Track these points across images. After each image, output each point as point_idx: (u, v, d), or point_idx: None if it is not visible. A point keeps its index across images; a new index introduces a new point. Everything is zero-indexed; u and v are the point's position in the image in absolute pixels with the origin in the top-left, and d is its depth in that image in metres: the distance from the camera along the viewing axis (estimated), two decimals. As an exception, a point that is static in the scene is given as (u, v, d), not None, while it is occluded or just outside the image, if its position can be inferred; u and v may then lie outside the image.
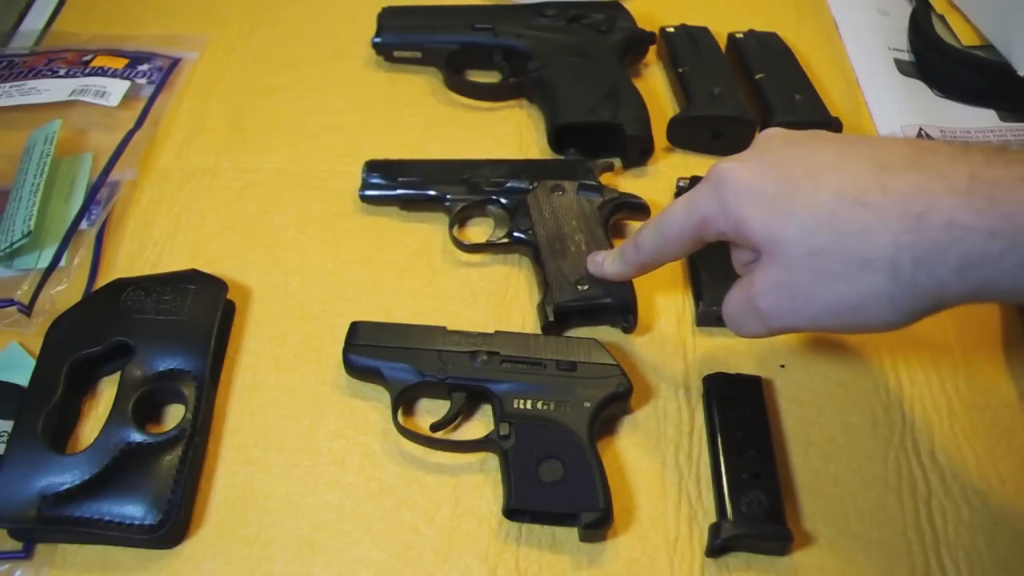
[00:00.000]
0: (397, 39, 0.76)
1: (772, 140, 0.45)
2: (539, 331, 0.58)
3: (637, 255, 0.52)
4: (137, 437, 0.51)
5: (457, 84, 0.75)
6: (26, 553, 0.49)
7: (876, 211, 0.38)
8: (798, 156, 0.42)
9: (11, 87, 0.73)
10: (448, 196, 0.64)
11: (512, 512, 0.50)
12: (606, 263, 0.55)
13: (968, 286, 0.37)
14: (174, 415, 0.55)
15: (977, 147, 0.39)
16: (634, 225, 0.65)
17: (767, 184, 0.42)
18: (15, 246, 0.60)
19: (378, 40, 0.76)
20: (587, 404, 0.52)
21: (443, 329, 0.56)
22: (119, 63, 0.76)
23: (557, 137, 0.69)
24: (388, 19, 0.77)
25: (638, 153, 0.68)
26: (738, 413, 0.53)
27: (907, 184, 0.38)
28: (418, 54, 0.76)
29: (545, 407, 0.52)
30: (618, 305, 0.57)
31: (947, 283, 0.37)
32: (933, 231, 0.37)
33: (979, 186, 0.36)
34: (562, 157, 0.68)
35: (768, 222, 0.41)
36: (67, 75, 0.75)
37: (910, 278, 0.38)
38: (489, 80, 0.75)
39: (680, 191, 0.66)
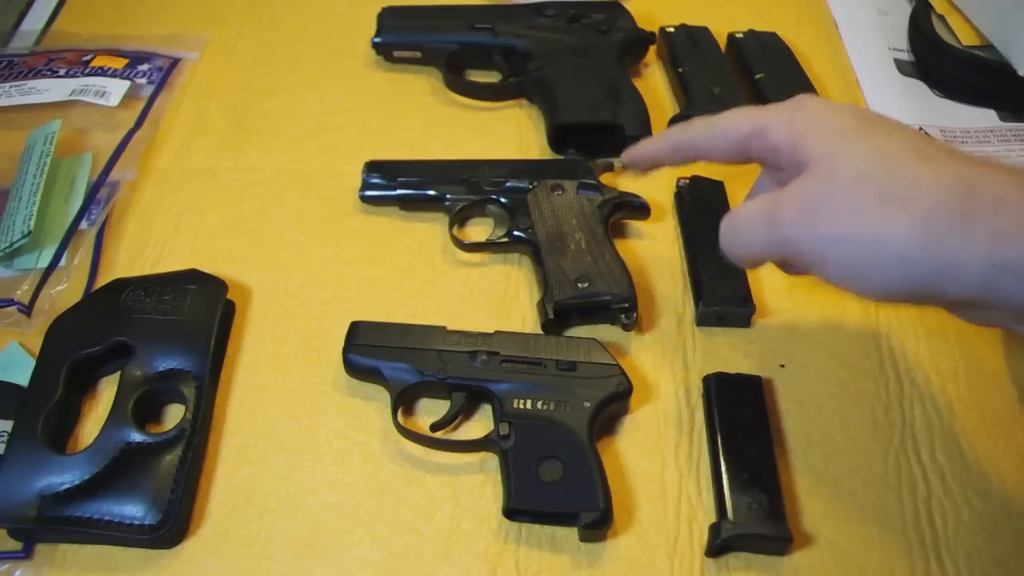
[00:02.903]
0: (397, 39, 0.76)
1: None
2: (539, 331, 0.58)
3: (678, 134, 0.50)
4: (137, 437, 0.51)
5: (457, 84, 0.75)
6: (26, 553, 0.49)
7: (934, 168, 0.39)
8: (877, 116, 0.44)
9: (11, 87, 0.73)
10: (448, 196, 0.64)
11: (512, 512, 0.50)
12: (642, 140, 0.53)
13: (989, 263, 0.37)
14: (174, 415, 0.55)
15: None
16: (634, 225, 0.65)
17: (845, 120, 0.43)
18: (15, 246, 0.60)
19: (378, 40, 0.76)
20: (587, 404, 0.52)
21: (443, 329, 0.56)
22: (119, 63, 0.76)
23: (557, 137, 0.69)
24: (388, 19, 0.77)
25: None
26: (738, 413, 0.53)
27: (970, 161, 0.40)
28: (418, 54, 0.76)
29: (545, 407, 0.52)
30: (618, 301, 0.57)
31: (971, 252, 0.37)
32: (980, 200, 0.37)
33: None
34: (562, 157, 0.68)
35: (830, 139, 0.42)
36: (67, 75, 0.75)
37: (939, 235, 0.38)
38: (489, 80, 0.75)
39: (680, 191, 0.66)
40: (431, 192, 0.65)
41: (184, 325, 0.56)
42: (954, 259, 0.38)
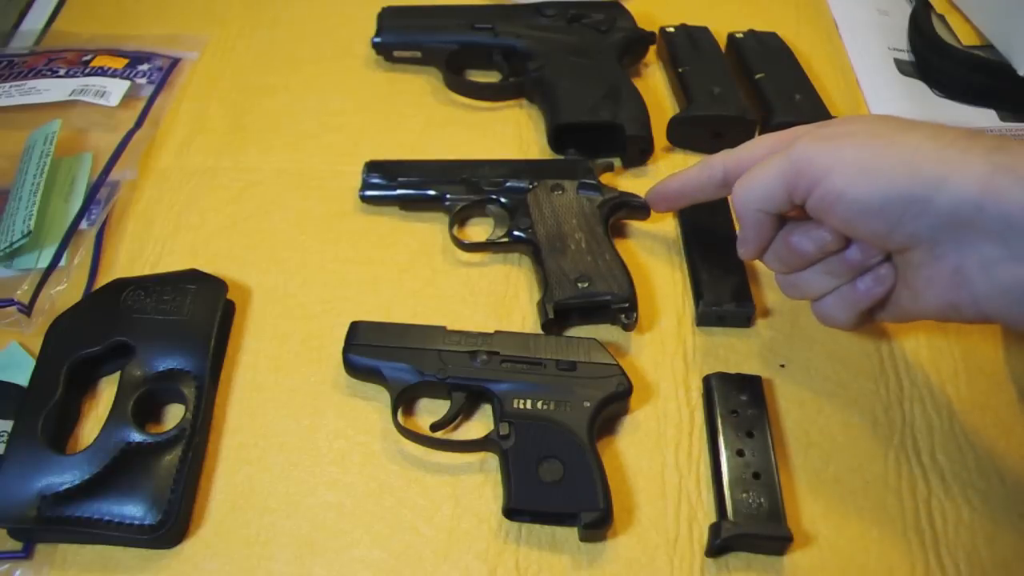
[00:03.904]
0: (397, 39, 0.76)
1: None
2: (539, 331, 0.58)
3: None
4: (137, 437, 0.51)
5: (457, 84, 0.75)
6: (26, 553, 0.49)
7: (960, 150, 0.41)
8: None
9: (11, 87, 0.73)
10: (448, 196, 0.64)
11: (512, 512, 0.50)
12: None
13: (990, 164, 0.39)
14: (174, 415, 0.55)
15: None
16: (634, 225, 0.65)
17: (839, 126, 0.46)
18: (15, 246, 0.60)
19: (378, 40, 0.76)
20: (587, 404, 0.52)
21: (443, 329, 0.56)
22: (119, 63, 0.76)
23: (557, 137, 0.69)
24: (388, 19, 0.77)
25: (638, 153, 0.68)
26: (738, 413, 0.53)
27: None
28: (418, 54, 0.76)
29: (545, 407, 0.52)
30: (618, 301, 0.57)
31: (974, 153, 0.40)
32: (982, 136, 0.41)
33: None
34: (562, 157, 0.68)
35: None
36: (67, 75, 0.75)
37: (947, 141, 0.41)
38: (489, 80, 0.75)
39: (680, 191, 0.66)
40: (431, 192, 0.65)
41: (184, 325, 0.56)
42: (958, 157, 0.40)
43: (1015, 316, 0.41)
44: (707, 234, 0.63)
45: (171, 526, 0.49)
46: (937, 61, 0.74)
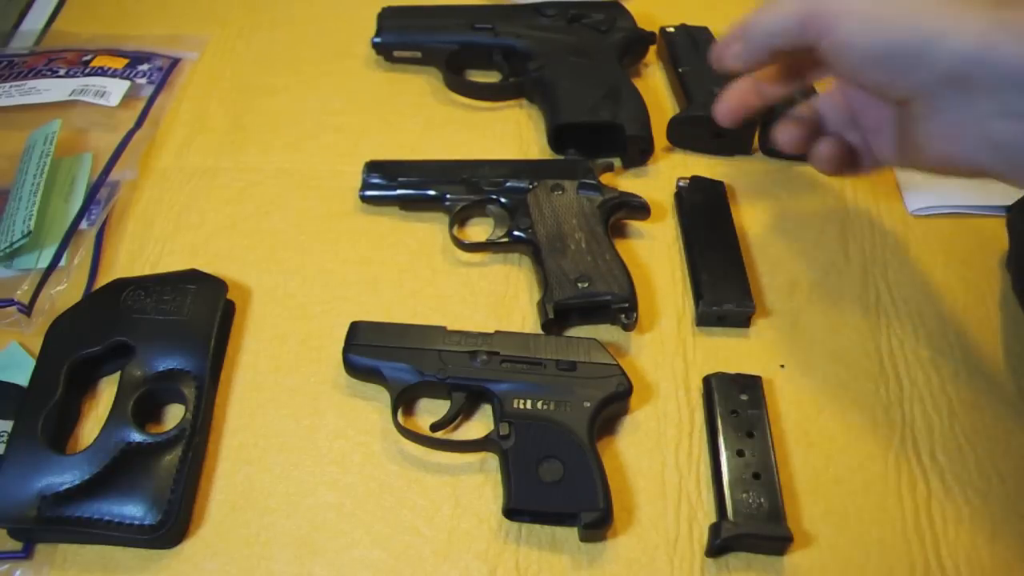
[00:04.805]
0: (397, 39, 0.76)
1: None
2: (539, 331, 0.58)
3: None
4: (137, 437, 0.51)
5: (457, 84, 0.75)
6: (26, 553, 0.49)
7: (962, 5, 0.42)
8: None
9: (11, 87, 0.73)
10: (448, 196, 0.64)
11: (512, 512, 0.50)
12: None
13: (990, 19, 0.40)
14: (174, 415, 0.55)
15: None
16: (634, 225, 0.65)
17: None
18: (15, 246, 0.60)
19: (378, 40, 0.76)
20: (587, 404, 0.52)
21: (443, 329, 0.56)
22: (119, 63, 0.76)
23: (557, 137, 0.68)
24: (388, 19, 0.77)
25: (638, 153, 0.68)
26: (738, 413, 0.53)
27: None
28: (418, 54, 0.76)
29: (545, 407, 0.52)
30: (618, 301, 0.57)
31: (975, 9, 0.40)
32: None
33: None
34: (562, 157, 0.68)
35: None
36: (67, 75, 0.75)
37: (936, 15, 0.41)
38: (489, 80, 0.75)
39: (680, 191, 0.66)
40: (431, 192, 0.65)
41: (184, 325, 0.56)
42: (959, 12, 0.41)
43: (1007, 171, 0.43)
44: (707, 234, 0.63)
45: (171, 526, 0.49)
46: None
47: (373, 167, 0.66)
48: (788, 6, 0.47)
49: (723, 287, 0.59)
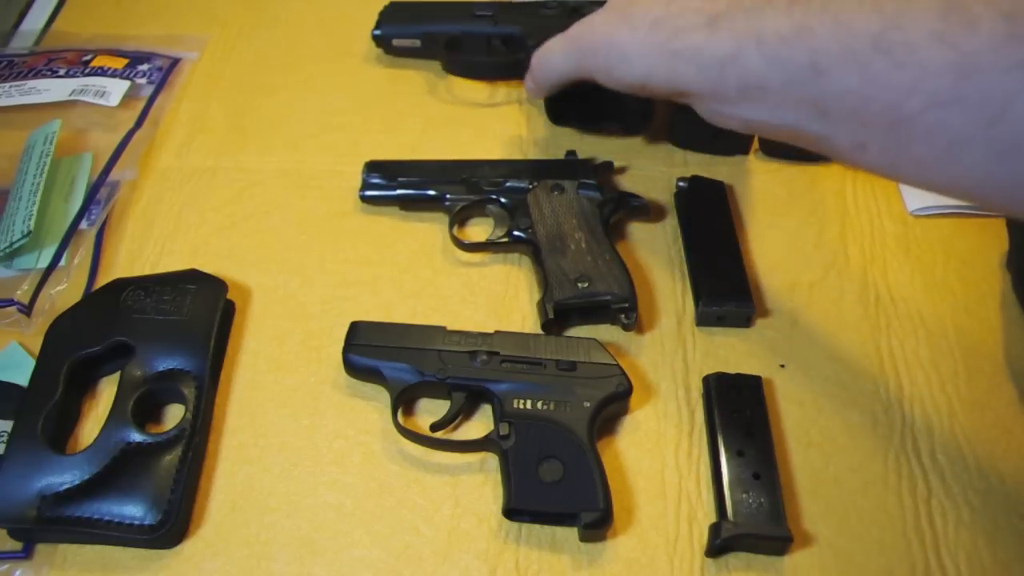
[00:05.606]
0: (397, 29, 0.76)
1: None
2: (539, 331, 0.58)
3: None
4: (137, 437, 0.51)
5: (455, 66, 0.75)
6: (26, 553, 0.49)
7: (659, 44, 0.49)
8: None
9: (11, 87, 0.73)
10: (448, 196, 0.64)
11: (512, 512, 0.50)
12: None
13: (667, 52, 0.48)
14: (174, 415, 0.55)
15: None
16: (634, 225, 0.65)
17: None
18: (15, 246, 0.60)
19: (378, 32, 0.76)
20: (587, 404, 0.52)
21: (443, 329, 0.56)
22: (119, 63, 0.76)
23: (554, 107, 0.68)
24: (389, 14, 0.77)
25: (639, 118, 0.68)
26: (738, 413, 0.53)
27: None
28: (417, 43, 0.76)
29: (545, 407, 0.52)
30: (618, 301, 0.57)
31: (652, 43, 0.49)
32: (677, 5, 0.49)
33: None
34: (562, 157, 0.68)
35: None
36: (67, 75, 0.75)
37: (650, 36, 0.49)
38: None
39: (680, 191, 0.66)
40: (431, 192, 0.65)
41: (184, 325, 0.56)
42: (656, 50, 0.49)
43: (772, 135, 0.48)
44: (707, 234, 0.63)
45: (171, 526, 0.49)
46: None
47: (373, 167, 0.66)
48: (559, 49, 0.57)
49: (723, 287, 0.59)
